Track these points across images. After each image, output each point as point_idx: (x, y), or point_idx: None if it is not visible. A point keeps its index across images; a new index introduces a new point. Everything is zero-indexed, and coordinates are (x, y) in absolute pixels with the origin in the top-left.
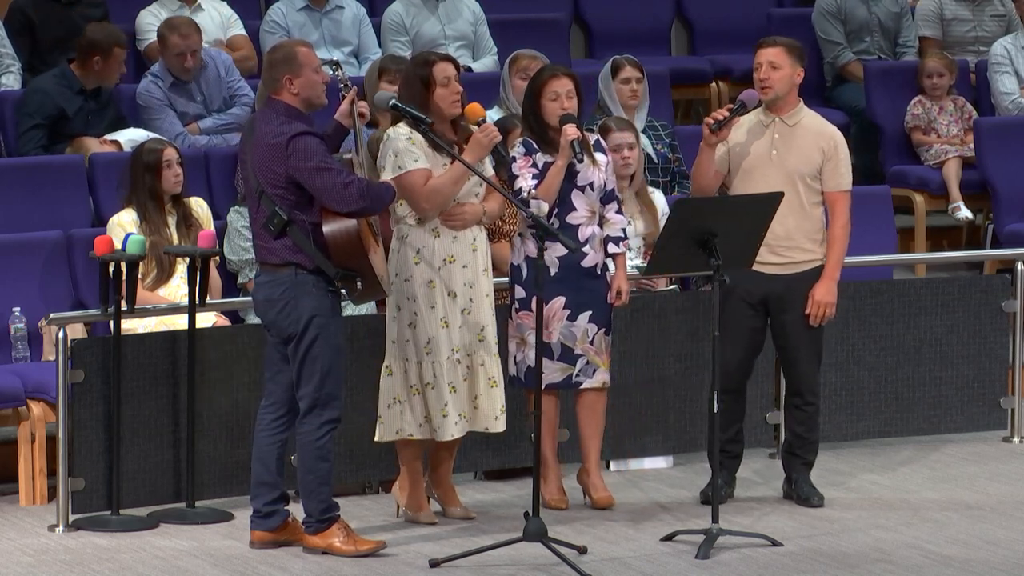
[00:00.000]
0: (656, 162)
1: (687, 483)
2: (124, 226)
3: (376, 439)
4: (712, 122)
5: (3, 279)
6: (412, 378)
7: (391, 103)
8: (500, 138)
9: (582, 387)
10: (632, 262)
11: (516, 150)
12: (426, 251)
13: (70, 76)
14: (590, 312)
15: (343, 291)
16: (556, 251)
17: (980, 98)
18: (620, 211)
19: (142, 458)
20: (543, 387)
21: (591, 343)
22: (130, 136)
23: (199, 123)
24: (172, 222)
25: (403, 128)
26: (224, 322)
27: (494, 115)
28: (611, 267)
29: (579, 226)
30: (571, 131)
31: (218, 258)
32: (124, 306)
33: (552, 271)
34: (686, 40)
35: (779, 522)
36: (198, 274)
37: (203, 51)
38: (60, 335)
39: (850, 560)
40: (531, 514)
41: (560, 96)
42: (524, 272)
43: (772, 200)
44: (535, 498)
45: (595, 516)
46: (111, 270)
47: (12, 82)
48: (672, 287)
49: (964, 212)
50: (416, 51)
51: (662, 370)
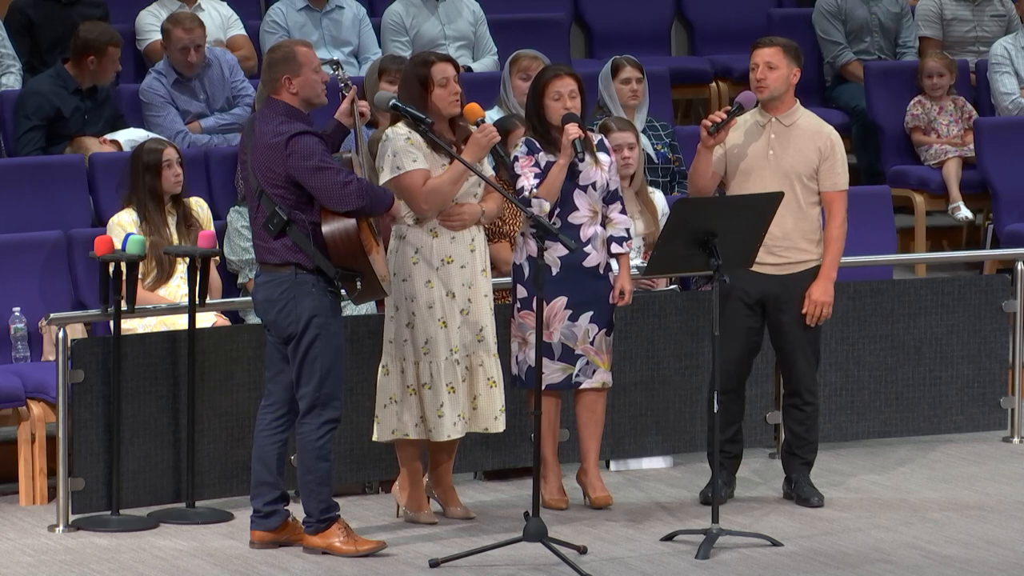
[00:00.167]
0: (656, 162)
1: (687, 483)
2: (124, 226)
3: (374, 439)
4: (710, 124)
5: (3, 279)
6: (409, 378)
7: (391, 103)
8: (499, 138)
9: (581, 387)
10: (632, 262)
11: (519, 149)
12: (424, 251)
13: (65, 76)
14: (591, 312)
15: (343, 291)
16: (558, 251)
17: (980, 98)
18: (624, 211)
19: (142, 458)
20: (543, 387)
21: (591, 343)
22: (130, 136)
23: (201, 122)
24: (172, 222)
25: (402, 128)
26: (224, 322)
27: (494, 115)
28: (614, 267)
29: (581, 226)
30: (573, 130)
31: (218, 258)
32: (124, 306)
33: (554, 271)
34: (686, 40)
35: (779, 522)
36: (198, 274)
37: (208, 50)
38: (60, 335)
39: (850, 560)
40: (531, 514)
41: (563, 96)
42: (526, 271)
43: (772, 200)
44: (535, 498)
45: (595, 516)
46: (111, 270)
47: (12, 82)
48: (672, 287)
49: (964, 212)
50: (416, 51)
51: (662, 370)
